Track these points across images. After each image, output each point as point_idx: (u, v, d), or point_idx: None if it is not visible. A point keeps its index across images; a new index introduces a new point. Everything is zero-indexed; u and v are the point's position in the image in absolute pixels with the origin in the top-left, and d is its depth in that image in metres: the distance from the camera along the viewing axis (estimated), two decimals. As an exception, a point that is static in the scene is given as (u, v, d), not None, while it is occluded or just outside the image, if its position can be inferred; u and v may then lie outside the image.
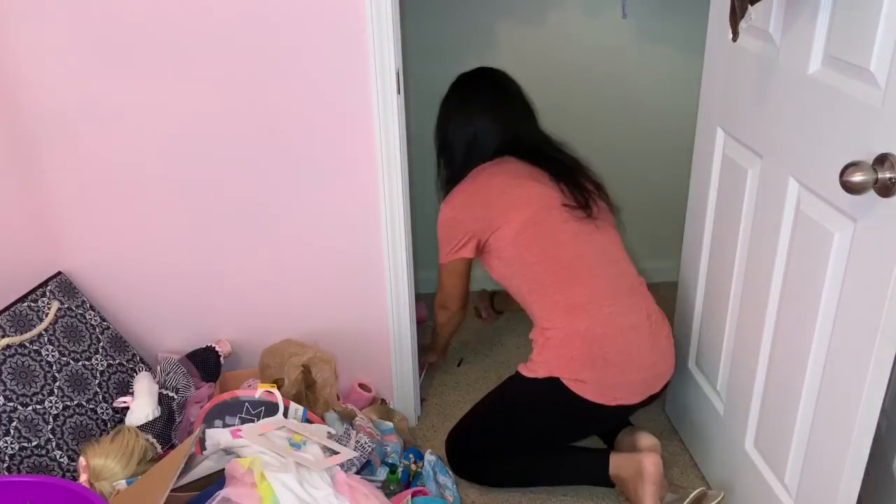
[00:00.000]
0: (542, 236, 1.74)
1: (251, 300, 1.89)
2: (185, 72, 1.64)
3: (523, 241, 1.74)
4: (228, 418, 1.58)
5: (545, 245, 1.73)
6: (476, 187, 1.82)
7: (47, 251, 1.79)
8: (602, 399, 1.66)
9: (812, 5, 1.22)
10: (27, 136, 1.69)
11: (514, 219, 1.74)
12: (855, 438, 1.20)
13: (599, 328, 1.67)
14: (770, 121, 1.41)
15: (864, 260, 1.14)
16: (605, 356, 1.66)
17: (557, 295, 1.72)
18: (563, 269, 1.72)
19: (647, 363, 1.70)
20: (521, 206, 1.75)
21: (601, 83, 2.55)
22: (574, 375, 1.66)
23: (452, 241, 1.84)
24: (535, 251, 1.73)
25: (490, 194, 1.79)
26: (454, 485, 1.78)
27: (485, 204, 1.78)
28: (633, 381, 1.69)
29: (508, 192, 1.78)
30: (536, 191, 1.78)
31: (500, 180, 1.80)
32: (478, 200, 1.80)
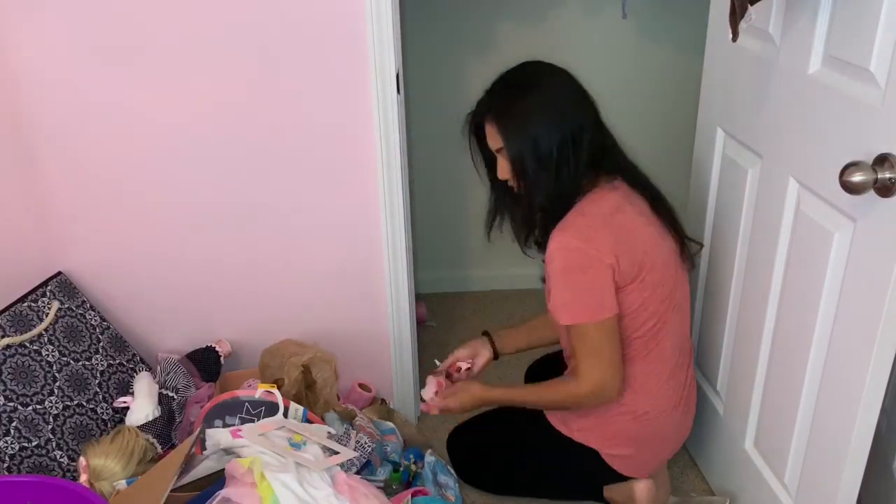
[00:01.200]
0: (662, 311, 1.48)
1: (251, 300, 1.89)
2: (185, 72, 1.64)
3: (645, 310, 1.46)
4: (228, 418, 1.58)
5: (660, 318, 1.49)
6: (619, 227, 1.44)
7: (47, 251, 1.79)
8: (629, 472, 1.62)
9: (812, 5, 1.22)
10: (28, 136, 1.69)
11: (648, 284, 1.45)
12: (855, 438, 1.20)
13: (654, 411, 1.55)
14: (770, 121, 1.41)
15: (864, 260, 1.14)
16: (648, 437, 1.58)
17: (637, 370, 1.52)
18: (657, 344, 1.51)
19: (680, 436, 1.66)
20: (659, 269, 1.46)
21: (601, 83, 2.53)
22: (612, 451, 1.58)
23: (601, 290, 1.42)
24: (649, 324, 1.48)
25: (636, 244, 1.44)
26: (455, 484, 1.78)
27: (628, 252, 1.42)
28: (664, 455, 1.67)
29: (653, 245, 1.47)
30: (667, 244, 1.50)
31: (642, 225, 1.47)
32: (622, 246, 1.42)
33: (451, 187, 2.62)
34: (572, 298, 1.44)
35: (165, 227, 1.80)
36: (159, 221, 1.79)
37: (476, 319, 2.59)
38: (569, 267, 1.42)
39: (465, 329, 2.53)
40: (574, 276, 1.42)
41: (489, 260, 2.70)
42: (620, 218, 1.44)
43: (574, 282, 1.43)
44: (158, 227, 1.80)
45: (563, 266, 1.42)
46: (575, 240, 1.41)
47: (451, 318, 2.59)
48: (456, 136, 2.65)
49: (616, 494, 1.67)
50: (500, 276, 2.73)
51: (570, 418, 1.60)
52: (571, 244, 1.41)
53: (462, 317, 2.62)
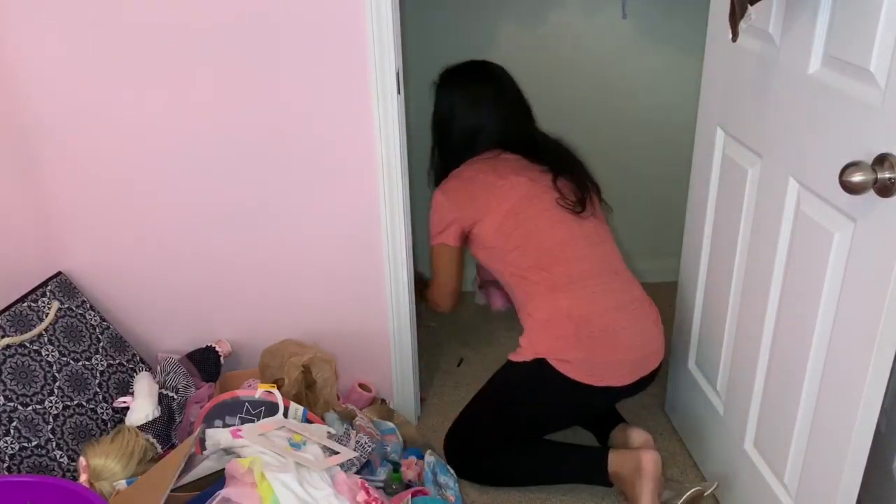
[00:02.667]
0: (523, 224, 1.77)
1: (251, 300, 1.89)
2: (185, 72, 1.64)
3: (505, 230, 1.78)
4: (228, 418, 1.58)
5: (525, 231, 1.77)
6: (465, 179, 1.87)
7: (47, 251, 1.79)
8: (589, 379, 1.67)
9: (812, 5, 1.22)
10: (28, 136, 1.69)
11: (496, 210, 1.79)
12: (855, 438, 1.20)
13: (583, 307, 1.69)
14: (770, 121, 1.41)
15: (863, 260, 1.14)
16: (591, 335, 1.67)
17: (538, 277, 1.74)
18: (543, 253, 1.76)
19: (634, 344, 1.71)
20: (503, 198, 1.79)
21: (601, 83, 2.55)
22: (560, 355, 1.67)
23: (438, 224, 1.89)
24: (515, 238, 1.77)
25: (475, 188, 1.83)
26: (455, 484, 1.78)
27: (470, 196, 1.83)
28: (619, 362, 1.70)
29: (492, 187, 1.82)
30: (522, 184, 1.81)
31: (485, 176, 1.84)
32: (464, 192, 1.85)
33: (451, 187, 2.62)
34: (431, 229, 1.92)
35: (166, 227, 1.80)
36: (159, 221, 1.79)
37: (476, 319, 2.59)
38: (432, 208, 1.91)
39: (465, 329, 2.53)
40: (432, 214, 1.91)
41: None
42: (468, 170, 1.88)
43: (432, 218, 1.91)
44: (159, 227, 1.80)
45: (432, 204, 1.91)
46: (437, 190, 1.91)
47: (452, 318, 2.59)
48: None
49: (622, 468, 1.68)
50: (500, 276, 2.73)
51: (520, 347, 1.75)
52: (434, 193, 1.92)
53: (462, 317, 2.62)
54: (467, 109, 1.95)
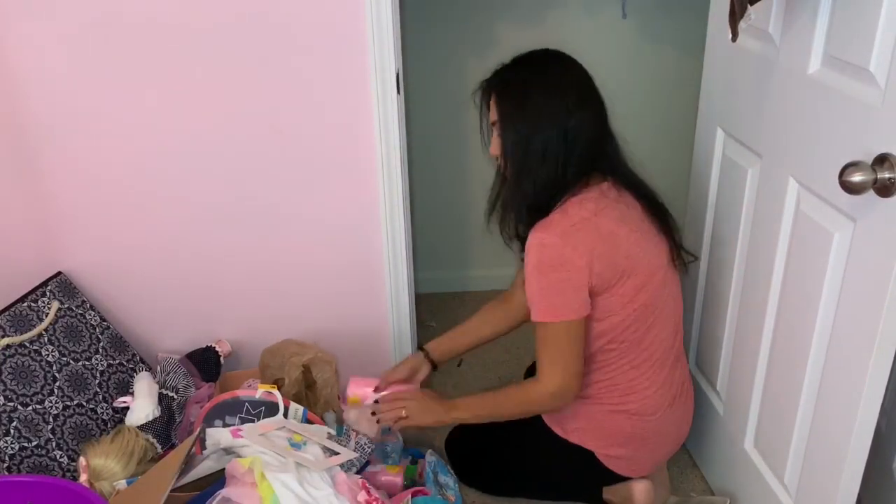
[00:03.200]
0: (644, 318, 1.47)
1: (251, 300, 1.89)
2: (185, 72, 1.64)
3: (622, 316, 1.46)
4: (228, 418, 1.58)
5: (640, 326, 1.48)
6: (604, 233, 1.41)
7: (47, 251, 1.79)
8: (625, 472, 1.62)
9: (812, 5, 1.22)
10: (27, 136, 1.69)
11: (628, 292, 1.44)
12: (855, 438, 1.20)
13: (647, 410, 1.54)
14: (770, 121, 1.41)
15: (863, 260, 1.14)
16: (643, 436, 1.58)
17: (627, 375, 1.53)
18: (643, 351, 1.51)
19: (677, 436, 1.66)
20: (640, 276, 1.44)
21: (601, 83, 2.53)
22: (608, 451, 1.58)
23: (571, 292, 1.40)
24: (629, 332, 1.48)
25: (618, 252, 1.42)
26: (456, 484, 1.78)
27: (610, 262, 1.41)
28: (660, 455, 1.67)
29: (636, 254, 1.44)
30: (655, 251, 1.48)
31: (628, 232, 1.43)
32: (605, 253, 1.40)
33: (451, 187, 2.62)
34: (540, 295, 1.43)
35: (165, 227, 1.80)
36: (159, 221, 1.79)
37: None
38: (541, 263, 1.41)
39: (465, 329, 2.53)
40: (545, 273, 1.41)
41: (489, 260, 2.70)
42: (603, 221, 1.42)
43: (544, 279, 1.41)
44: (158, 227, 1.80)
45: (537, 262, 1.41)
46: (552, 236, 1.39)
47: (452, 318, 2.59)
48: (456, 136, 2.66)
49: (614, 496, 1.67)
50: (499, 276, 2.72)
51: (566, 420, 1.60)
52: (547, 240, 1.40)
53: (462, 317, 2.60)
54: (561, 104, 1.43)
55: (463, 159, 2.59)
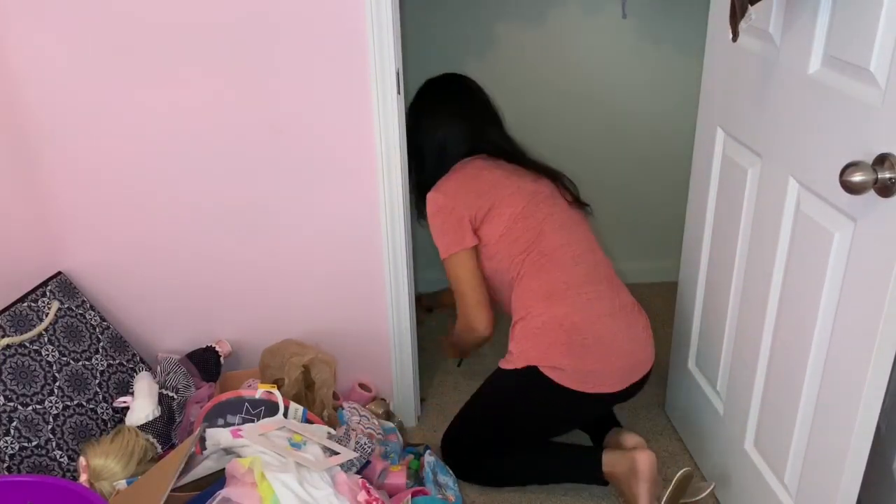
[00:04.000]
0: (533, 227, 1.75)
1: (251, 300, 1.89)
2: (185, 73, 1.64)
3: (514, 232, 1.75)
4: (229, 418, 1.58)
5: (534, 235, 1.75)
6: (467, 177, 1.82)
7: (47, 251, 1.79)
8: (581, 387, 1.67)
9: (812, 5, 1.22)
10: (28, 136, 1.69)
11: (508, 207, 1.75)
12: (855, 438, 1.20)
13: (577, 314, 1.68)
14: (770, 121, 1.41)
15: (864, 260, 1.14)
16: (583, 342, 1.66)
17: (537, 282, 1.72)
18: (545, 257, 1.73)
19: (624, 351, 1.71)
20: (514, 196, 1.77)
21: (601, 83, 2.55)
22: (551, 363, 1.66)
23: (449, 229, 1.78)
24: (522, 241, 1.74)
25: (481, 184, 1.79)
26: (455, 484, 1.78)
27: (477, 193, 1.78)
28: (611, 369, 1.69)
29: (500, 184, 1.79)
30: (527, 184, 1.80)
31: (490, 172, 1.81)
32: (471, 188, 1.79)
33: (451, 187, 2.62)
34: (437, 239, 1.81)
35: (165, 227, 1.80)
36: (159, 221, 1.79)
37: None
38: (430, 213, 1.80)
39: (465, 329, 2.53)
40: (434, 219, 1.80)
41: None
42: (467, 168, 1.83)
43: (435, 224, 1.80)
44: (158, 227, 1.80)
45: (428, 214, 1.81)
46: (431, 192, 1.81)
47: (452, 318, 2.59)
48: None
49: (617, 468, 1.68)
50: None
51: (511, 354, 1.73)
52: (429, 196, 1.80)
53: (462, 317, 2.62)
54: (435, 121, 1.91)
55: (463, 159, 2.58)
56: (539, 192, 1.80)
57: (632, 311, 1.75)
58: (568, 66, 2.51)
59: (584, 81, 2.53)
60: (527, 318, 1.72)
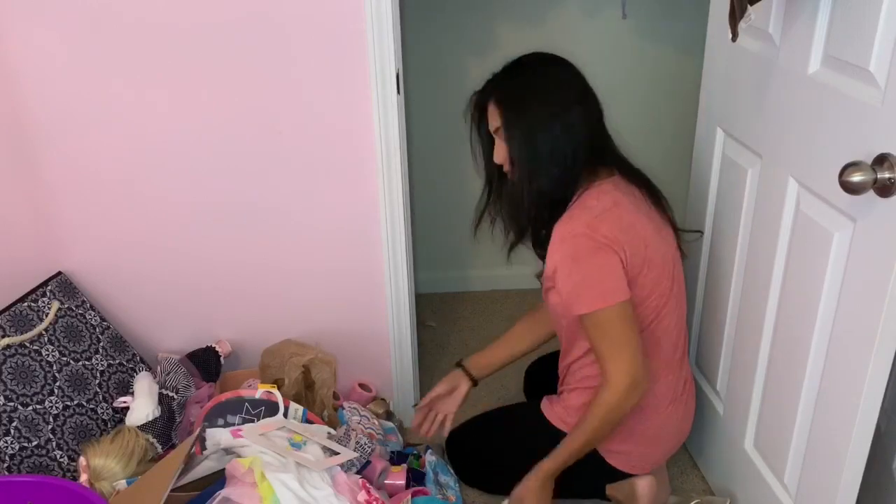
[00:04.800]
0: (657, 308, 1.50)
1: (251, 300, 1.89)
2: (185, 72, 1.64)
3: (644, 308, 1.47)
4: (229, 418, 1.58)
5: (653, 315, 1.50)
6: (625, 223, 1.43)
7: (47, 251, 1.79)
8: (627, 468, 1.62)
9: (812, 5, 1.22)
10: (28, 135, 1.69)
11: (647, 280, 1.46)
12: (855, 438, 1.20)
13: (650, 405, 1.54)
14: (770, 121, 1.41)
15: (863, 260, 1.14)
16: (645, 431, 1.58)
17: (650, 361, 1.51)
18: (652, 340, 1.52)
19: (678, 434, 1.67)
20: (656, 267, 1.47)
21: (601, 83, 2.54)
22: (610, 446, 1.58)
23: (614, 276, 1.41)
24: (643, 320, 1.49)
25: (634, 235, 1.43)
26: (456, 484, 1.78)
27: (631, 246, 1.42)
28: (661, 452, 1.67)
29: (646, 237, 1.46)
30: (662, 240, 1.50)
31: (644, 221, 1.47)
32: (626, 239, 1.42)
33: (451, 187, 2.62)
34: (584, 285, 1.42)
35: (166, 227, 1.80)
36: (159, 221, 1.79)
37: (476, 319, 2.59)
38: (578, 253, 1.41)
39: (465, 329, 2.53)
40: (584, 261, 1.41)
41: (489, 260, 2.70)
42: (622, 212, 1.44)
43: (585, 267, 1.41)
44: (159, 227, 1.80)
45: (573, 253, 1.42)
46: (580, 227, 1.41)
47: (451, 318, 2.59)
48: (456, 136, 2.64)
49: (618, 492, 1.67)
50: (499, 276, 2.73)
51: (568, 413, 1.61)
52: (578, 230, 1.41)
53: (462, 317, 2.62)
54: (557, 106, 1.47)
55: (463, 159, 2.57)
56: (669, 252, 1.51)
57: (690, 391, 1.64)
58: (568, 66, 2.51)
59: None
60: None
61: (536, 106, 1.46)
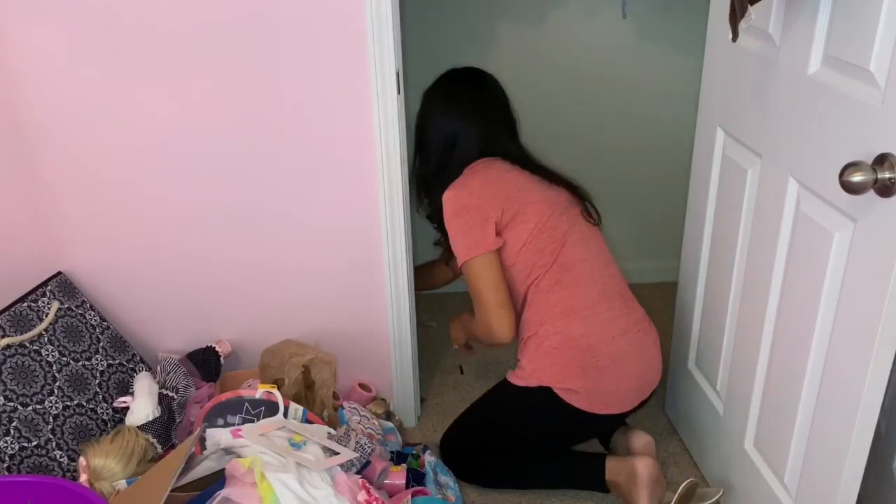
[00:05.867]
0: (554, 240, 1.69)
1: (251, 300, 1.89)
2: (185, 72, 1.64)
3: (537, 244, 1.68)
4: (229, 418, 1.58)
5: (557, 247, 1.69)
6: (490, 178, 1.71)
7: (47, 251, 1.79)
8: (593, 408, 1.66)
9: (812, 5, 1.22)
10: (28, 136, 1.69)
11: (531, 219, 1.68)
12: (855, 438, 1.20)
13: (594, 335, 1.65)
14: (770, 121, 1.41)
15: (863, 260, 1.14)
16: (597, 364, 1.64)
17: (556, 297, 1.67)
18: (565, 272, 1.68)
19: (637, 371, 1.70)
20: (538, 206, 1.69)
21: (601, 83, 2.55)
22: (566, 385, 1.65)
23: (472, 229, 1.66)
24: (545, 254, 1.68)
25: (508, 187, 1.70)
26: (456, 483, 1.78)
27: (504, 195, 1.69)
28: (623, 390, 1.69)
29: (527, 188, 1.71)
30: (548, 193, 1.73)
31: (515, 177, 1.72)
32: (498, 190, 1.69)
33: (451, 187, 2.62)
34: (458, 240, 1.69)
35: (166, 227, 1.80)
36: (159, 221, 1.79)
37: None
38: (451, 213, 1.70)
39: (465, 329, 2.53)
40: (456, 219, 1.69)
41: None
42: (491, 170, 1.73)
43: (456, 224, 1.69)
44: (159, 227, 1.80)
45: (448, 214, 1.71)
46: (452, 191, 1.71)
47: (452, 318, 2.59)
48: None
49: (618, 476, 1.68)
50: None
51: (523, 370, 1.70)
52: (450, 194, 1.71)
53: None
54: (449, 113, 1.80)
55: (463, 159, 2.59)
56: (559, 202, 1.74)
57: (643, 327, 1.72)
58: (568, 67, 2.51)
59: (583, 81, 2.53)
60: (542, 334, 1.67)
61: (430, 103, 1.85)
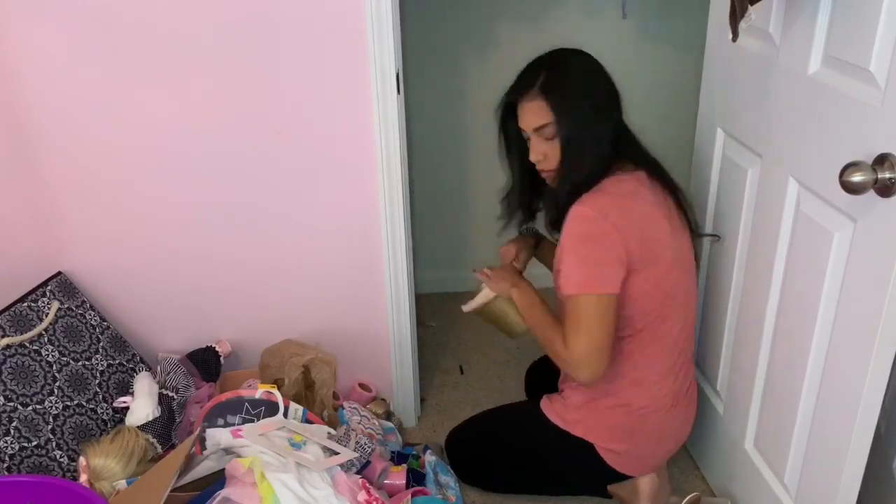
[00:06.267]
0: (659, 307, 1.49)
1: (251, 300, 1.89)
2: (186, 72, 1.64)
3: (641, 306, 1.47)
4: (229, 418, 1.58)
5: (655, 318, 1.50)
6: (629, 205, 1.44)
7: (47, 251, 1.79)
8: (626, 470, 1.62)
9: (812, 5, 1.22)
10: (28, 135, 1.69)
11: (650, 278, 1.45)
12: (855, 438, 1.20)
13: (652, 406, 1.56)
14: (770, 121, 1.41)
15: (863, 260, 1.14)
16: (645, 431, 1.59)
17: (630, 365, 1.53)
18: (654, 342, 1.53)
19: (676, 437, 1.66)
20: (662, 263, 1.47)
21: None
22: (608, 445, 1.59)
23: (605, 266, 1.41)
24: (644, 318, 1.49)
25: (647, 228, 1.44)
26: (456, 484, 1.78)
27: (640, 237, 1.43)
28: (659, 454, 1.66)
29: (659, 230, 1.46)
30: (676, 235, 1.50)
31: (644, 202, 1.46)
32: (636, 230, 1.42)
33: (451, 187, 2.63)
34: (578, 267, 1.43)
35: (166, 227, 1.80)
36: (159, 221, 1.79)
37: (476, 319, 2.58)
38: (582, 235, 1.43)
39: (465, 329, 2.53)
40: (585, 244, 1.43)
41: (489, 260, 2.70)
42: (638, 203, 1.45)
43: (584, 250, 1.43)
44: (159, 227, 1.80)
45: (578, 234, 1.43)
46: (592, 211, 1.41)
47: (451, 318, 2.59)
48: (456, 136, 2.66)
49: (620, 489, 1.67)
50: (500, 276, 2.73)
51: (568, 411, 1.61)
52: (588, 214, 1.42)
53: (462, 317, 2.61)
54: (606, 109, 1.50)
55: (463, 159, 2.59)
56: (682, 249, 1.51)
57: (692, 393, 1.64)
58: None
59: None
60: (604, 395, 1.56)
61: (585, 98, 1.47)
